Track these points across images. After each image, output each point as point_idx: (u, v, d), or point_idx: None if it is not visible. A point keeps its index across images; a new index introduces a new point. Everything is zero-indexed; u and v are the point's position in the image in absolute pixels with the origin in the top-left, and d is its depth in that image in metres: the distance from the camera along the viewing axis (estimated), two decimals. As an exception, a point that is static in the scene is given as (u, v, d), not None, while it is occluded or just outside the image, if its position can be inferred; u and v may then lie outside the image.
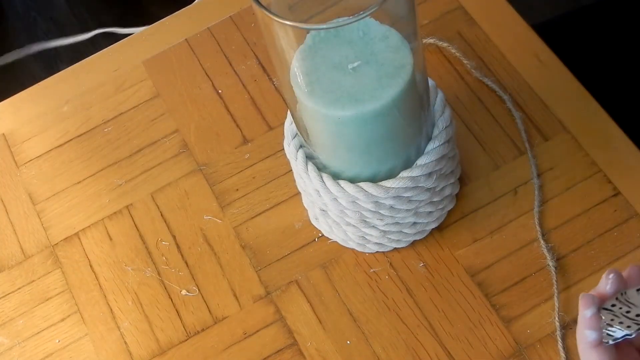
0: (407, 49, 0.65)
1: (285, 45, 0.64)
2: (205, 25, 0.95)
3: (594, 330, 0.52)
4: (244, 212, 0.83)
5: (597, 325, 0.52)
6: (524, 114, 0.84)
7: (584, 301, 0.53)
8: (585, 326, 0.52)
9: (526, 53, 0.87)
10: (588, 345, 0.52)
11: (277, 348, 0.76)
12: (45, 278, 0.83)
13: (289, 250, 0.81)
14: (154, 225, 0.84)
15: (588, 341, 0.52)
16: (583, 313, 0.52)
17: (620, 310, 0.52)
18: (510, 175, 0.81)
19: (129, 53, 0.95)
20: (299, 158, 0.73)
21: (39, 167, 0.89)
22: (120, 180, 0.87)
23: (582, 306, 0.53)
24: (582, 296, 0.53)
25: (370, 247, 0.78)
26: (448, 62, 0.88)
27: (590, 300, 0.53)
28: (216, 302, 0.79)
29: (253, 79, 0.91)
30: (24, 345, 0.80)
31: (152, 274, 0.81)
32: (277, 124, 0.88)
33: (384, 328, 0.76)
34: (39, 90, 0.95)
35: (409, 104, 0.67)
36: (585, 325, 0.52)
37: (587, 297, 0.53)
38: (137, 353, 0.78)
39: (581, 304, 0.53)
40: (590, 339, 0.52)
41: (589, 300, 0.53)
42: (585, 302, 0.53)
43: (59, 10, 1.91)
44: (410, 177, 0.70)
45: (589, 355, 0.52)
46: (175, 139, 0.89)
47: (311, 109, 0.66)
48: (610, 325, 0.52)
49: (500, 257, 0.77)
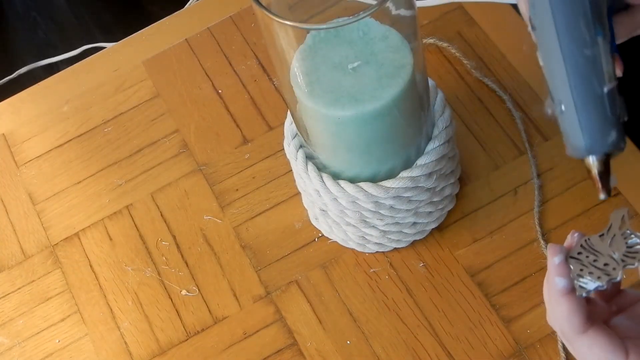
0: (407, 49, 0.65)
1: (285, 45, 0.64)
2: (205, 25, 0.95)
3: (564, 278, 0.52)
4: (244, 212, 0.83)
5: (567, 273, 0.52)
6: (524, 114, 0.84)
7: (552, 250, 0.53)
8: (554, 273, 0.52)
9: (526, 53, 0.87)
10: (558, 293, 0.52)
11: (277, 348, 0.76)
12: (45, 278, 0.83)
13: (289, 250, 0.81)
14: (154, 225, 0.84)
15: (558, 289, 0.52)
16: (552, 260, 0.53)
17: (587, 259, 0.53)
18: (510, 175, 0.81)
19: (129, 53, 0.95)
20: (299, 158, 0.73)
21: (39, 167, 0.89)
22: (120, 180, 0.87)
23: (550, 254, 0.53)
24: (550, 245, 0.54)
25: (370, 247, 0.78)
26: (448, 62, 0.88)
27: (558, 249, 0.53)
28: (216, 302, 0.79)
29: (253, 79, 0.91)
30: (24, 345, 0.80)
31: (152, 274, 0.81)
32: (277, 124, 0.88)
33: (384, 328, 0.76)
34: (39, 90, 0.95)
35: (409, 104, 0.67)
36: (555, 272, 0.52)
37: (555, 246, 0.53)
38: (137, 353, 0.78)
39: (549, 253, 0.53)
40: (560, 286, 0.52)
41: (556, 249, 0.53)
42: (553, 250, 0.53)
43: (59, 10, 1.91)
44: (410, 177, 0.70)
45: (559, 305, 0.52)
46: (175, 139, 0.89)
47: (311, 109, 0.66)
48: (581, 276, 0.52)
49: (500, 257, 0.77)
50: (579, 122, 0.50)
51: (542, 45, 0.50)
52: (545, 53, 0.50)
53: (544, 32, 0.49)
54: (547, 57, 0.49)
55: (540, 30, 0.49)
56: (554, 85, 0.50)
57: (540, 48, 0.50)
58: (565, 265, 0.52)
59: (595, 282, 0.52)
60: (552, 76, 0.50)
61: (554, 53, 0.49)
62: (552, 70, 0.49)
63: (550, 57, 0.49)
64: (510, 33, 0.89)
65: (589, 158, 0.51)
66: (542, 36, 0.49)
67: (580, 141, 0.50)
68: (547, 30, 0.48)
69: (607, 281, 0.52)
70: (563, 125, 0.51)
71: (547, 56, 0.49)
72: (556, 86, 0.50)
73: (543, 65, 0.50)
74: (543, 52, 0.50)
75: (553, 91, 0.50)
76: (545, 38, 0.49)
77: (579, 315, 0.51)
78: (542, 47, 0.50)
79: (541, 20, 0.49)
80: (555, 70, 0.49)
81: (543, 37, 0.49)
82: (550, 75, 0.50)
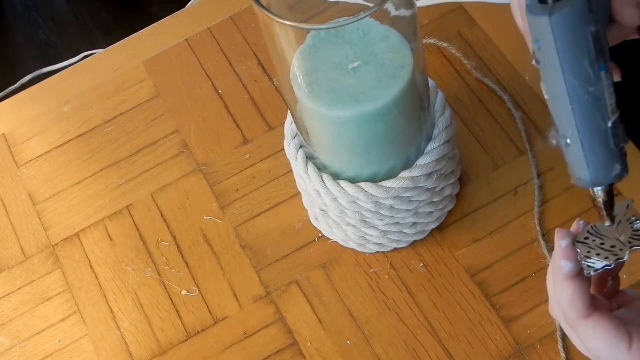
0: (407, 49, 0.65)
1: (285, 45, 0.64)
2: (205, 25, 0.96)
3: (570, 261, 0.52)
4: (244, 212, 0.83)
5: (573, 256, 0.53)
6: (524, 114, 0.84)
7: (559, 234, 0.53)
8: (561, 257, 0.53)
9: (526, 53, 0.87)
10: (563, 277, 0.52)
11: (277, 348, 0.76)
12: (45, 278, 0.83)
13: (289, 250, 0.81)
14: (154, 225, 0.84)
15: (564, 272, 0.52)
16: (559, 243, 0.53)
17: (594, 243, 0.53)
18: (510, 175, 0.81)
19: (129, 53, 0.95)
20: (299, 158, 0.73)
21: (39, 167, 0.89)
22: (120, 180, 0.87)
23: (557, 238, 0.53)
24: (557, 230, 0.54)
25: (370, 247, 0.78)
26: (448, 62, 0.88)
27: (565, 233, 0.53)
28: (216, 302, 0.79)
29: (253, 79, 0.91)
30: (24, 345, 0.80)
31: (152, 274, 0.81)
32: (277, 124, 0.88)
33: (384, 328, 0.76)
34: (39, 90, 0.95)
35: (409, 104, 0.67)
36: (561, 255, 0.53)
37: (562, 230, 0.54)
38: (137, 353, 0.78)
39: (557, 237, 0.53)
40: (565, 269, 0.52)
41: (564, 233, 0.53)
42: (560, 234, 0.53)
43: (59, 10, 1.91)
44: (410, 177, 0.70)
45: (563, 289, 0.52)
46: (175, 139, 0.89)
47: (311, 109, 0.66)
48: (588, 257, 0.53)
49: (500, 257, 0.77)
50: (584, 157, 0.52)
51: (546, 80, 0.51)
52: (549, 88, 0.51)
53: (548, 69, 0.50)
54: (552, 93, 0.51)
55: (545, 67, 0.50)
56: (559, 120, 0.51)
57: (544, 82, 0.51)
58: (572, 249, 0.53)
59: (602, 261, 0.52)
60: (556, 112, 0.51)
61: (559, 91, 0.50)
62: (557, 106, 0.51)
63: (555, 94, 0.51)
64: (510, 33, 0.89)
65: (594, 189, 0.53)
66: (547, 73, 0.50)
67: (585, 174, 0.52)
68: (552, 69, 0.50)
69: (614, 260, 0.52)
70: (568, 158, 0.53)
71: (551, 92, 0.51)
72: (561, 121, 0.51)
73: (547, 99, 0.51)
74: (548, 87, 0.51)
75: (558, 125, 0.51)
76: (549, 75, 0.50)
77: (583, 299, 0.52)
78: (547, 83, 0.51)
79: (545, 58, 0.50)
80: (560, 107, 0.51)
81: (547, 74, 0.50)
82: (555, 110, 0.51)
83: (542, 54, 0.50)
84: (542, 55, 0.50)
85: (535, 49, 0.51)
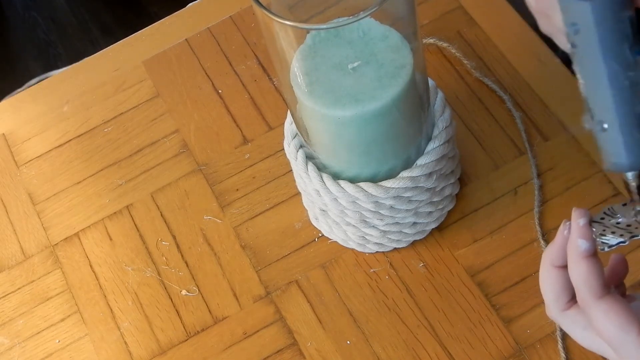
0: (407, 49, 0.65)
1: (285, 45, 0.64)
2: (205, 25, 0.95)
3: (587, 240, 0.53)
4: (244, 212, 0.83)
5: (590, 236, 0.53)
6: (524, 114, 0.84)
7: (577, 213, 0.54)
8: (578, 235, 0.53)
9: (526, 53, 0.87)
10: (580, 255, 0.53)
11: (277, 348, 0.76)
12: (45, 278, 0.83)
13: (289, 250, 0.81)
14: (154, 225, 0.84)
15: (580, 251, 0.53)
16: (576, 222, 0.53)
17: (610, 222, 0.54)
18: (510, 175, 0.81)
19: (129, 53, 0.95)
20: (299, 158, 0.73)
21: (39, 167, 0.89)
22: (120, 180, 0.87)
23: (574, 217, 0.54)
24: (575, 209, 0.54)
25: (370, 247, 0.78)
26: (448, 62, 0.88)
27: (583, 212, 0.54)
28: (216, 302, 0.79)
29: (253, 79, 0.91)
30: (24, 345, 0.80)
31: (152, 274, 0.81)
32: (277, 124, 0.88)
33: (384, 328, 0.76)
34: (39, 90, 0.95)
35: (409, 104, 0.67)
36: (578, 234, 0.53)
37: (580, 209, 0.54)
38: (137, 353, 0.78)
39: (574, 216, 0.54)
40: (582, 248, 0.52)
41: (581, 212, 0.54)
42: (578, 213, 0.54)
43: (59, 10, 1.91)
44: (410, 177, 0.70)
45: (578, 267, 0.52)
46: (175, 139, 0.89)
47: (311, 109, 0.66)
48: (604, 235, 0.53)
49: (500, 257, 0.77)
50: (623, 142, 0.52)
51: (583, 65, 0.51)
52: (587, 73, 0.51)
53: (587, 54, 0.50)
54: (590, 78, 0.51)
55: (583, 51, 0.51)
56: (597, 105, 0.52)
57: (580, 67, 0.51)
58: (589, 228, 0.53)
59: (617, 238, 0.53)
60: (594, 96, 0.52)
61: (598, 75, 0.50)
62: (596, 91, 0.51)
63: (593, 78, 0.51)
64: (510, 33, 0.89)
65: (628, 173, 0.54)
66: (585, 57, 0.51)
67: (623, 159, 0.53)
68: (592, 53, 0.50)
69: (629, 237, 0.53)
70: (604, 143, 0.53)
71: (589, 76, 0.51)
72: (599, 106, 0.52)
73: (583, 83, 0.52)
74: (584, 71, 0.51)
75: (594, 110, 0.52)
76: (588, 59, 0.50)
77: (598, 278, 0.52)
78: (584, 67, 0.51)
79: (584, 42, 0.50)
80: (599, 92, 0.51)
81: (585, 58, 0.51)
82: (593, 95, 0.52)
83: (580, 38, 0.50)
84: (581, 39, 0.50)
85: (572, 32, 0.51)
